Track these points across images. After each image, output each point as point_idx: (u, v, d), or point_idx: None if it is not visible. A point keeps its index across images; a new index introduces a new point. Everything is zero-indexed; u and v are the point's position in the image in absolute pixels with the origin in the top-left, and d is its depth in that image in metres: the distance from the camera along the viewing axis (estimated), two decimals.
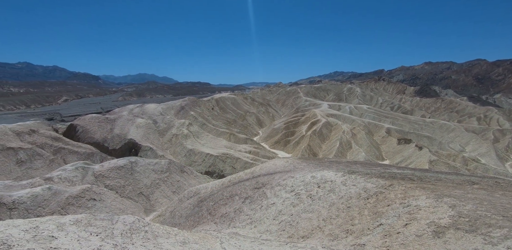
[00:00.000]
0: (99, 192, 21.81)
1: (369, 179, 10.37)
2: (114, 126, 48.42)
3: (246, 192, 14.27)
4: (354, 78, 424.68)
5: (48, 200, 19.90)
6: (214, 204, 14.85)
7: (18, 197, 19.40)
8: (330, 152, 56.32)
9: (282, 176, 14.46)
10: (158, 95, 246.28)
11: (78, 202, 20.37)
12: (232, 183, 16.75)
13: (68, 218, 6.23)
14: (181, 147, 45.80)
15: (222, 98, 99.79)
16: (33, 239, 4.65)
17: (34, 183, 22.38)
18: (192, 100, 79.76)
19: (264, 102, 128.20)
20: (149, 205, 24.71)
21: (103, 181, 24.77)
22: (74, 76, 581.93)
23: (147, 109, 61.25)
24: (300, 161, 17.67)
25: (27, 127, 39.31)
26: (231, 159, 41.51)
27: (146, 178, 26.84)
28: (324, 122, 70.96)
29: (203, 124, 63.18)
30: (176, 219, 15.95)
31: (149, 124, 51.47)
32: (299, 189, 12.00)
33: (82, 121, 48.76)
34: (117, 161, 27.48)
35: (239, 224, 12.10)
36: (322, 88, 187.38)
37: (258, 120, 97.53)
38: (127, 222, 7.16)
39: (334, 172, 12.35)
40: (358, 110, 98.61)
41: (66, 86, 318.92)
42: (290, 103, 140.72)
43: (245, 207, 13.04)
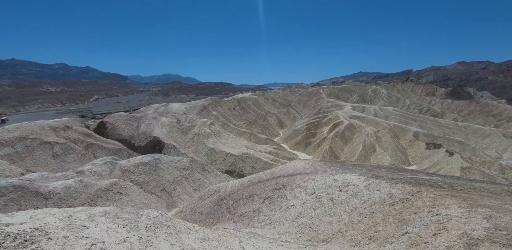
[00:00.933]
0: (125, 187, 22.88)
1: (395, 184, 9.94)
2: (140, 124, 50.56)
3: (266, 192, 14.25)
4: (380, 79, 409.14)
5: (79, 192, 21.22)
6: (234, 203, 15.00)
7: (53, 188, 20.88)
8: (352, 155, 54.71)
9: (302, 178, 14.28)
10: (182, 94, 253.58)
11: (106, 195, 21.50)
12: (252, 183, 16.82)
13: (98, 210, 6.60)
14: (203, 146, 46.80)
15: (244, 98, 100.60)
16: (67, 228, 4.98)
17: (67, 175, 23.96)
18: (214, 100, 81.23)
19: (285, 103, 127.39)
20: (171, 201, 25.50)
21: (129, 176, 25.95)
22: (104, 76, 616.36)
23: (171, 108, 63.30)
24: (321, 163, 17.35)
25: (62, 123, 42.19)
26: (251, 159, 41.72)
27: (169, 175, 27.74)
28: (347, 124, 69.08)
29: (224, 124, 64.10)
30: (196, 216, 16.31)
31: (172, 122, 53.14)
32: (320, 192, 11.78)
33: (111, 118, 51.43)
34: (142, 158, 28.67)
35: (258, 224, 12.12)
36: (345, 89, 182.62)
37: (279, 121, 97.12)
38: (151, 216, 7.43)
39: (357, 176, 11.98)
40: (383, 112, 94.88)
41: (97, 85, 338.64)
42: (312, 104, 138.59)
43: (265, 208, 13.03)
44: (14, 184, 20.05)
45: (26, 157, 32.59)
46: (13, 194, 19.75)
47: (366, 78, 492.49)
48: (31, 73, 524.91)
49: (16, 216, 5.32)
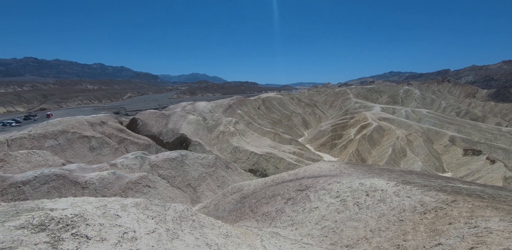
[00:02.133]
0: (153, 180, 23.98)
1: (427, 192, 9.36)
2: (169, 121, 52.64)
3: (289, 193, 14.15)
4: (412, 79, 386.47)
5: (112, 183, 22.64)
6: (256, 202, 15.08)
7: (89, 178, 22.49)
8: (380, 158, 52.39)
9: (327, 180, 13.96)
10: (208, 93, 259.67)
11: (135, 187, 22.72)
12: (275, 182, 16.79)
13: (129, 201, 7.00)
14: (227, 144, 47.58)
15: (269, 97, 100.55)
16: (102, 216, 5.34)
17: (102, 167, 25.68)
18: (239, 99, 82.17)
19: (311, 103, 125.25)
20: (196, 197, 26.28)
21: (157, 171, 27.16)
22: (137, 75, 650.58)
23: (198, 107, 65.11)
24: (347, 166, 16.84)
25: (99, 119, 45.24)
26: (274, 159, 41.63)
27: (194, 171, 28.60)
28: (375, 126, 66.27)
29: (249, 123, 64.59)
30: (219, 212, 16.65)
31: (199, 120, 54.65)
32: (345, 196, 11.44)
33: (142, 115, 54.12)
34: (170, 153, 29.85)
35: (280, 224, 12.07)
36: (374, 89, 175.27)
37: (304, 121, 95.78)
38: (178, 210, 7.72)
39: (385, 180, 11.46)
40: (416, 115, 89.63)
41: (130, 84, 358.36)
42: (339, 104, 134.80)
43: (287, 208, 12.95)
44: (56, 173, 21.91)
45: (66, 149, 35.42)
46: (55, 182, 21.58)
47: (398, 78, 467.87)
48: (72, 72, 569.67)
49: (59, 202, 5.82)
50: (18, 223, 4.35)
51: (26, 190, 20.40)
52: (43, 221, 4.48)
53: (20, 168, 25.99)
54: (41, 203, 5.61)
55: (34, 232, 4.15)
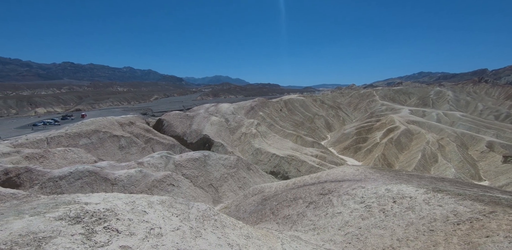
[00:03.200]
0: (177, 179, 24.72)
1: (462, 201, 8.75)
2: (192, 122, 54.09)
3: (311, 197, 13.91)
4: (445, 80, 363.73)
5: (139, 180, 23.67)
6: (278, 205, 14.99)
7: (118, 175, 23.69)
8: (409, 164, 49.82)
9: (351, 185, 13.55)
10: (231, 95, 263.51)
11: (160, 185, 23.56)
12: (296, 185, 16.59)
13: (155, 198, 7.28)
14: (249, 146, 47.86)
15: (291, 99, 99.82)
16: (131, 211, 5.61)
17: (130, 165, 26.95)
18: (261, 101, 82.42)
19: (334, 105, 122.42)
20: (217, 197, 26.69)
21: (181, 170, 27.97)
22: (163, 78, 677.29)
23: (221, 108, 66.24)
24: (372, 170, 16.22)
25: (127, 119, 47.61)
26: (296, 162, 41.16)
27: (216, 171, 29.09)
28: (403, 130, 63.22)
29: (271, 125, 64.52)
30: (240, 213, 16.76)
31: (221, 122, 55.57)
32: (370, 202, 11.02)
33: (168, 116, 56.12)
34: (193, 154, 30.63)
35: (301, 228, 11.90)
36: (402, 90, 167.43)
37: (327, 124, 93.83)
38: (201, 209, 7.90)
39: (414, 187, 10.89)
40: (449, 118, 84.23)
41: (157, 86, 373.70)
42: (364, 106, 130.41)
43: (309, 212, 12.73)
44: (89, 170, 23.34)
45: (98, 147, 37.64)
46: (88, 178, 22.99)
47: (428, 79, 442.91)
48: (104, 76, 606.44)
49: (92, 197, 6.21)
50: (57, 215, 4.71)
51: (62, 185, 21.94)
52: (79, 214, 4.80)
53: (57, 164, 28.04)
54: (76, 197, 6.02)
55: (71, 224, 4.46)
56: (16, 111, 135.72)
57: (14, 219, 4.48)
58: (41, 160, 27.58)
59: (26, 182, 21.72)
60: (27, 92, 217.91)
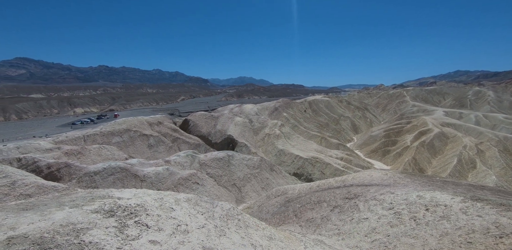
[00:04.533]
0: (202, 178, 25.33)
1: (505, 212, 8.00)
2: (217, 122, 55.15)
3: (336, 200, 13.53)
4: (485, 79, 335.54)
5: (166, 178, 24.60)
6: (301, 207, 14.77)
7: (147, 172, 24.81)
8: (443, 169, 46.64)
9: (378, 190, 12.97)
10: (255, 96, 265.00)
11: (186, 183, 24.28)
12: (320, 188, 16.24)
13: (182, 196, 7.51)
14: (272, 147, 47.75)
15: (315, 100, 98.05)
16: (159, 207, 5.84)
17: (158, 163, 28.11)
18: (285, 102, 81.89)
19: (361, 106, 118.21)
20: (240, 196, 26.93)
21: (205, 169, 28.63)
22: (189, 79, 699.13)
23: (245, 109, 66.83)
24: (402, 175, 15.41)
25: (156, 119, 49.72)
26: (320, 164, 40.32)
27: (239, 171, 29.39)
28: (437, 133, 59.38)
29: (295, 126, 63.85)
30: (263, 214, 16.76)
31: (245, 122, 56.04)
32: (400, 208, 10.46)
33: (193, 117, 57.75)
34: (217, 153, 31.22)
35: (325, 232, 11.61)
36: (436, 91, 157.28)
37: (353, 125, 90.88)
38: (225, 208, 8.01)
39: (450, 195, 10.16)
40: (490, 120, 77.63)
41: (183, 87, 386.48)
42: (393, 108, 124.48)
43: (333, 216, 12.39)
44: (120, 166, 24.71)
45: (129, 145, 39.73)
46: (119, 174, 24.34)
47: (466, 78, 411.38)
48: (135, 78, 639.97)
49: (124, 192, 6.55)
50: (93, 208, 5.04)
51: (97, 179, 23.44)
52: (112, 208, 5.10)
53: (92, 160, 30.05)
54: (110, 192, 6.39)
55: (105, 217, 4.75)
56: (58, 110, 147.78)
57: (56, 210, 4.87)
58: (78, 156, 29.72)
59: (65, 176, 23.52)
60: (67, 93, 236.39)
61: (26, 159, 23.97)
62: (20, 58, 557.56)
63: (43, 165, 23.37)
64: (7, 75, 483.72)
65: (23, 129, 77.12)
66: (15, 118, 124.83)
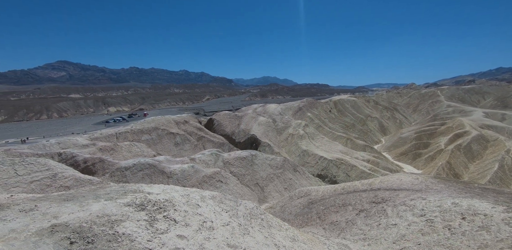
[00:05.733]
0: (225, 176, 25.75)
1: None
2: (241, 122, 55.71)
3: (362, 204, 13.07)
4: None
5: (191, 175, 25.33)
6: (325, 209, 14.47)
7: (173, 169, 25.73)
8: (481, 175, 43.13)
9: (409, 195, 12.32)
10: (279, 96, 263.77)
11: (210, 181, 24.83)
12: (345, 191, 15.78)
13: (207, 193, 7.69)
14: (296, 147, 47.24)
15: (341, 100, 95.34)
16: (186, 203, 6.03)
17: (183, 161, 29.03)
18: (309, 102, 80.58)
19: (390, 106, 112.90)
20: (263, 196, 26.99)
21: (229, 168, 29.06)
22: (214, 79, 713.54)
23: (268, 109, 66.79)
24: (435, 180, 14.50)
25: (182, 118, 51.36)
26: (345, 166, 39.16)
27: (262, 171, 29.46)
28: (475, 135, 55.03)
29: (319, 126, 62.64)
30: (285, 215, 16.65)
31: (269, 122, 56.02)
32: (433, 216, 9.85)
33: (218, 116, 58.85)
34: (241, 153, 31.54)
35: (350, 236, 11.27)
36: (474, 90, 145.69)
37: (381, 126, 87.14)
38: (248, 207, 8.07)
39: (490, 203, 9.38)
40: None
41: (208, 88, 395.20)
42: (425, 108, 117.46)
43: (359, 221, 11.98)
44: (149, 163, 25.87)
45: (157, 143, 41.46)
46: (148, 170, 25.50)
47: (510, 76, 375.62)
48: (163, 78, 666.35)
49: (153, 188, 6.85)
50: (126, 201, 5.33)
51: (127, 175, 24.75)
52: (143, 202, 5.36)
53: (124, 156, 31.77)
54: (140, 187, 6.72)
55: (137, 210, 5.00)
56: (93, 109, 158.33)
57: (92, 202, 5.22)
58: (111, 152, 31.59)
59: (99, 170, 25.12)
60: (102, 93, 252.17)
61: (65, 154, 25.97)
62: (61, 61, 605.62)
63: (80, 160, 25.17)
64: (50, 77, 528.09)
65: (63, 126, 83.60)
66: (56, 116, 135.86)
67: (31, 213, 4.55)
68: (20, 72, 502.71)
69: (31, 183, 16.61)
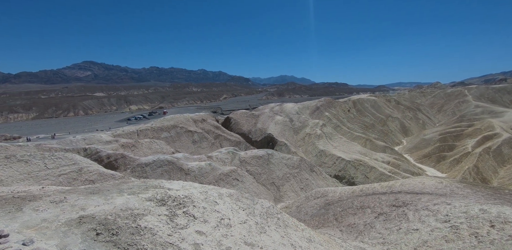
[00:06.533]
0: (242, 175, 25.94)
1: None
2: (258, 121, 55.82)
3: (381, 207, 12.69)
4: None
5: (208, 173, 25.76)
6: (342, 211, 14.19)
7: (191, 166, 26.28)
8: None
9: (432, 199, 11.81)
10: (296, 95, 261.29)
11: (226, 179, 25.12)
12: (364, 193, 15.39)
13: (224, 190, 7.78)
14: (313, 147, 46.67)
15: (360, 99, 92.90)
16: (204, 200, 6.14)
17: (201, 158, 29.56)
18: (327, 101, 79.20)
19: (413, 106, 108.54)
20: (278, 196, 26.93)
21: (245, 166, 29.24)
22: (231, 78, 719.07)
23: (285, 108, 66.40)
24: (461, 185, 13.79)
25: (200, 116, 52.27)
26: (364, 167, 38.18)
27: (279, 170, 29.38)
28: (506, 138, 51.70)
29: (337, 126, 61.44)
30: (301, 215, 16.51)
31: (285, 121, 55.70)
32: (458, 222, 9.38)
33: (235, 115, 59.31)
34: (257, 151, 31.63)
35: (368, 240, 10.98)
36: (506, 89, 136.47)
37: (402, 127, 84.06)
38: (264, 206, 8.08)
39: None
40: None
41: (226, 86, 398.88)
42: (451, 108, 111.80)
43: (378, 224, 11.64)
44: (168, 159, 26.58)
45: (176, 141, 42.50)
46: (167, 167, 26.21)
47: None
48: (182, 77, 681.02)
49: (173, 184, 7.04)
50: (147, 196, 5.52)
51: (147, 170, 25.59)
52: (164, 198, 5.52)
53: (144, 152, 32.86)
54: (161, 183, 6.93)
55: (158, 205, 5.17)
56: (116, 107, 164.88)
57: (116, 196, 5.45)
58: (132, 149, 32.78)
59: (121, 166, 26.15)
60: (124, 92, 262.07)
61: (90, 149, 27.26)
62: (86, 62, 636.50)
63: (103, 155, 26.32)
64: (76, 76, 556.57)
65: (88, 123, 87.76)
66: (82, 114, 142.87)
67: (61, 205, 4.83)
68: (50, 72, 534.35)
69: (59, 176, 17.61)
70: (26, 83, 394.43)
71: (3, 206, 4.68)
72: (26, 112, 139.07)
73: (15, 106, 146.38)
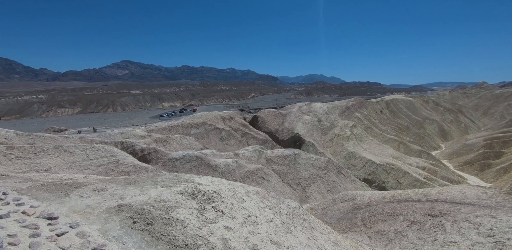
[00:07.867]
0: (268, 173, 25.99)
1: None
2: (285, 120, 55.44)
3: (415, 215, 11.94)
4: None
5: (234, 170, 26.18)
6: (371, 217, 13.60)
7: (218, 163, 26.90)
8: None
9: (473, 211, 10.85)
10: (325, 94, 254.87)
11: (252, 176, 25.34)
12: (395, 199, 14.61)
13: (251, 188, 7.85)
14: (342, 148, 45.27)
15: (394, 100, 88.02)
16: (232, 196, 6.26)
17: (228, 155, 30.12)
18: (358, 101, 76.18)
19: (454, 108, 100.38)
20: (304, 196, 26.57)
21: (271, 165, 29.24)
22: (260, 77, 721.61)
23: (314, 108, 65.11)
24: (509, 197, 12.51)
25: (228, 114, 53.21)
26: (396, 172, 36.20)
27: (305, 171, 28.96)
28: None
29: (368, 128, 58.90)
30: (327, 218, 16.12)
31: (313, 121, 54.65)
32: (504, 238, 8.53)
33: (262, 113, 59.48)
34: (283, 151, 31.46)
35: (399, 249, 10.41)
36: None
37: (441, 131, 78.24)
38: (291, 206, 8.01)
39: None
40: None
41: (254, 85, 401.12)
42: (499, 111, 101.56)
43: (411, 233, 10.98)
44: (196, 155, 27.48)
45: (204, 137, 43.77)
46: (195, 162, 27.11)
47: None
48: (211, 76, 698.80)
49: (202, 179, 7.26)
50: (179, 189, 5.76)
51: (177, 165, 26.69)
52: (194, 192, 5.72)
53: (175, 147, 34.31)
54: (191, 177, 7.19)
55: (189, 199, 5.37)
56: (150, 104, 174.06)
57: (151, 187, 5.77)
58: (164, 143, 34.38)
59: (153, 160, 27.57)
60: (157, 90, 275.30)
61: (126, 143, 29.08)
62: (124, 61, 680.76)
63: (138, 149, 27.93)
64: (115, 74, 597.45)
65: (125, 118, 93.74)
66: (120, 110, 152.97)
67: (102, 193, 5.23)
68: (92, 70, 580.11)
69: (98, 166, 19.05)
70: (72, 81, 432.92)
71: (53, 191, 5.17)
72: (72, 107, 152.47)
73: (62, 101, 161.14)
